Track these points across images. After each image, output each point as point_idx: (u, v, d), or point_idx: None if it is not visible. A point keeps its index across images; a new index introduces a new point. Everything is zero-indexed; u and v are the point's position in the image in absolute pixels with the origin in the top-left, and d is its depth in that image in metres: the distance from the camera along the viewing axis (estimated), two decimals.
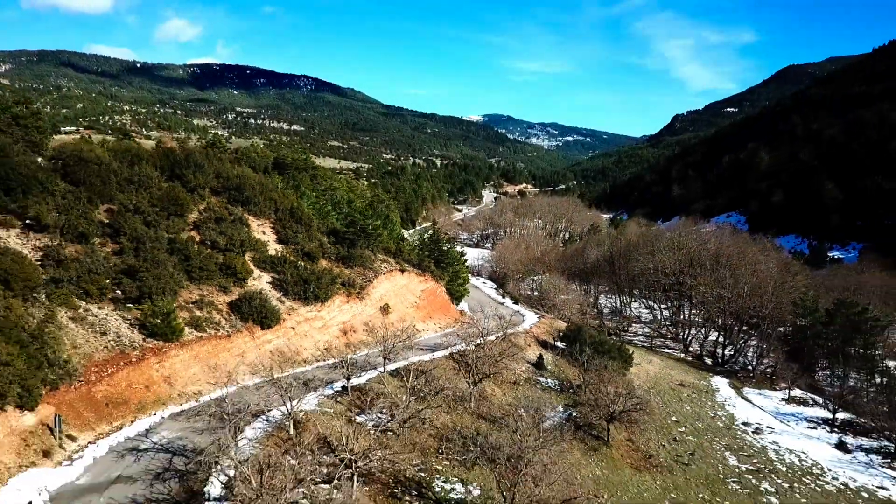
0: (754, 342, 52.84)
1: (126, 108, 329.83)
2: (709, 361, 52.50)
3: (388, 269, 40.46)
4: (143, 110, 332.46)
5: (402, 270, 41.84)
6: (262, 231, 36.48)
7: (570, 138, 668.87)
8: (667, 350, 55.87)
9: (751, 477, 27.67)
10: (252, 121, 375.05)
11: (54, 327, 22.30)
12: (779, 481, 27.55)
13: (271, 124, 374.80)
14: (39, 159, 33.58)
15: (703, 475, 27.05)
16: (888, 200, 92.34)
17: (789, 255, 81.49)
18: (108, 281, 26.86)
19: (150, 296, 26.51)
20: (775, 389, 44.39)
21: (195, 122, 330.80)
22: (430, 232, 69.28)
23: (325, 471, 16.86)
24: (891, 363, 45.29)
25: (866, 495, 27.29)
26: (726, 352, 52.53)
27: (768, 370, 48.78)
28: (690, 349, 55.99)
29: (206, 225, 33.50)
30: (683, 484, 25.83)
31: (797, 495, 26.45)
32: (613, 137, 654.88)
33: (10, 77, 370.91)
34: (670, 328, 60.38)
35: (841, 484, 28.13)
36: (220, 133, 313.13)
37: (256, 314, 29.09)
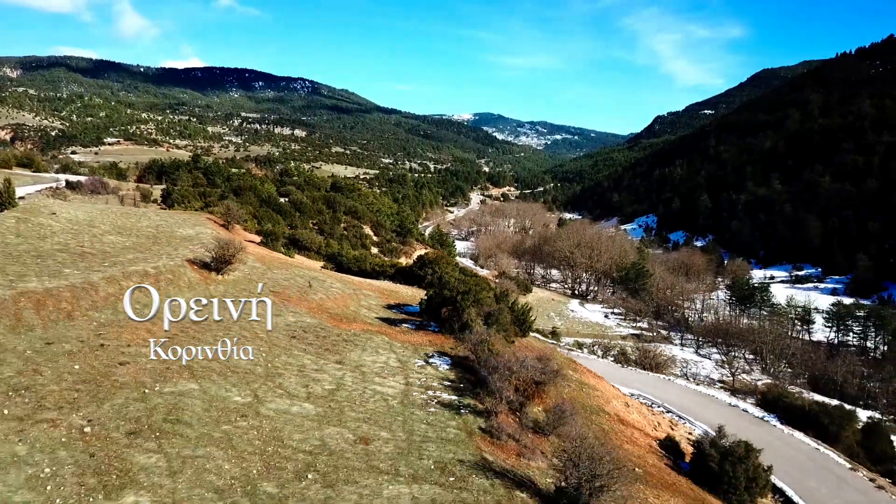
0: (606, 285, 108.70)
1: (144, 115, 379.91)
2: (578, 294, 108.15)
3: (420, 246, 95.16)
4: (160, 118, 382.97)
5: (426, 248, 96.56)
6: (368, 230, 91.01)
7: (558, 137, 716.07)
8: (566, 293, 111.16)
9: (548, 313, 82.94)
10: (257, 126, 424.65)
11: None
12: (556, 316, 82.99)
13: (275, 129, 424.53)
14: (282, 200, 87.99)
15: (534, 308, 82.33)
16: (731, 208, 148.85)
17: (665, 245, 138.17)
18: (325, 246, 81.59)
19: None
20: (600, 304, 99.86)
21: (209, 129, 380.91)
22: (432, 229, 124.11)
23: None
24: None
25: (592, 323, 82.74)
26: (589, 290, 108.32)
27: (602, 297, 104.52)
28: (576, 291, 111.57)
29: (349, 229, 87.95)
30: None
31: (572, 322, 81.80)
32: (601, 136, 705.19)
33: (26, 84, 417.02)
34: (568, 282, 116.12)
35: (587, 322, 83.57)
36: (234, 140, 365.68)
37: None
